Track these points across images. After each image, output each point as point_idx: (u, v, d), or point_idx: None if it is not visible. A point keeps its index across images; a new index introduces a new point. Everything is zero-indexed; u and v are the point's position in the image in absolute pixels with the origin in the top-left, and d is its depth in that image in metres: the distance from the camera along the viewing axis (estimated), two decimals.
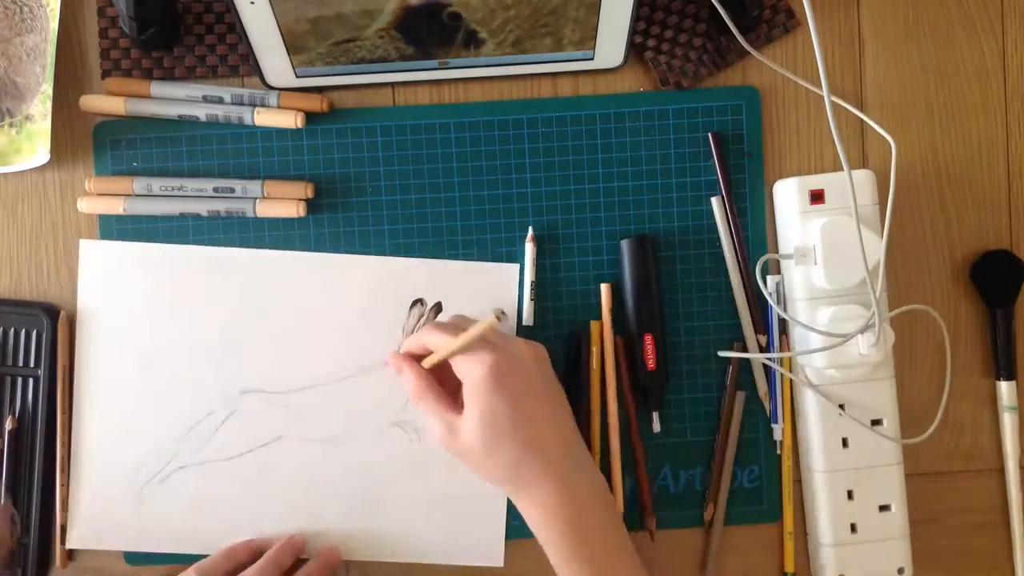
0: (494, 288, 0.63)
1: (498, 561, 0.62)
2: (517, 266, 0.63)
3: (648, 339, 0.61)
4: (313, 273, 0.63)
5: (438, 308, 0.62)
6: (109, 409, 0.62)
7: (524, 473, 0.54)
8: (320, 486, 0.62)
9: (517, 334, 0.63)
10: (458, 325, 0.58)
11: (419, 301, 0.62)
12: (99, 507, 0.62)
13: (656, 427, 0.63)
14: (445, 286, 0.63)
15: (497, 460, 0.54)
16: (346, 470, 0.62)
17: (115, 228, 0.63)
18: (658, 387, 0.62)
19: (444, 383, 0.57)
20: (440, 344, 0.56)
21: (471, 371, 0.54)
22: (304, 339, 0.63)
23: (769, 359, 0.62)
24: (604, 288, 0.62)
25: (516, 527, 0.62)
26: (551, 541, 0.55)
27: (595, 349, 0.62)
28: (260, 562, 0.59)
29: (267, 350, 0.62)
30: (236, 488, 0.62)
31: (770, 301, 0.61)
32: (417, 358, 0.59)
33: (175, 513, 0.62)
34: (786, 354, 0.62)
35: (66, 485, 0.62)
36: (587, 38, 0.58)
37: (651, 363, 0.62)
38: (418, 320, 0.62)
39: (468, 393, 0.55)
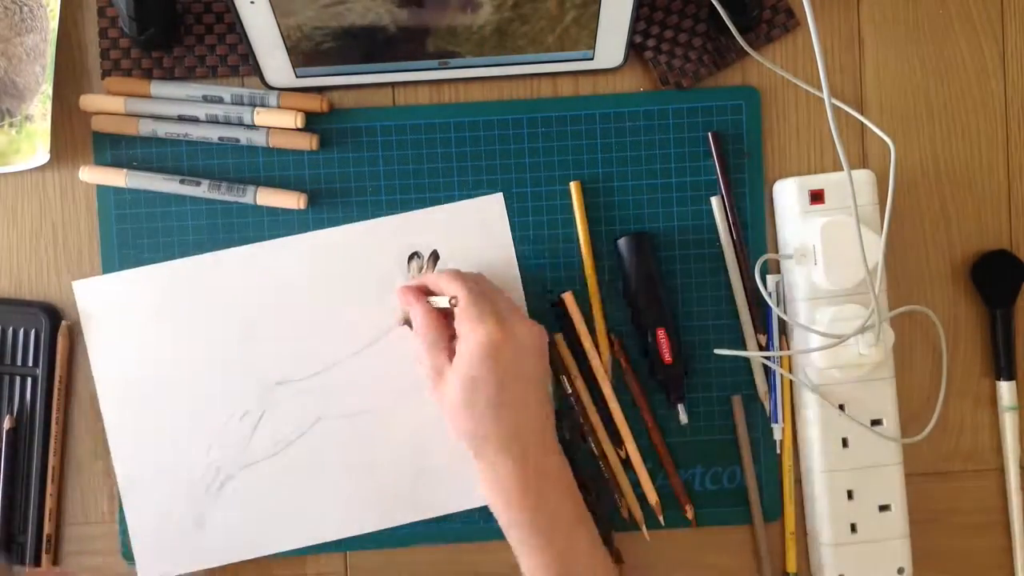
0: (483, 221, 0.63)
1: None
2: (500, 195, 0.63)
3: (661, 333, 0.61)
4: (310, 254, 0.63)
5: (435, 256, 0.62)
6: (143, 438, 0.62)
7: (491, 445, 0.55)
8: (370, 457, 0.62)
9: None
10: (477, 284, 0.58)
11: (415, 254, 0.62)
12: (161, 537, 0.62)
13: (683, 419, 0.63)
14: (437, 233, 0.63)
15: (471, 423, 0.55)
16: (391, 434, 0.62)
17: (114, 214, 0.63)
18: (678, 379, 0.62)
19: (446, 328, 0.58)
20: (453, 291, 0.56)
21: (470, 335, 0.55)
22: (316, 320, 0.63)
23: (767, 358, 0.62)
24: (567, 297, 0.62)
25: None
26: (502, 510, 0.55)
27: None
28: None
29: (284, 339, 0.62)
30: (288, 481, 0.62)
31: (769, 302, 0.61)
32: (427, 293, 0.59)
33: (238, 522, 0.62)
34: (784, 352, 0.62)
35: (55, 495, 0.62)
36: (587, 37, 0.58)
37: (667, 356, 0.61)
38: (419, 272, 0.62)
39: (461, 354, 0.55)
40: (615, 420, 0.63)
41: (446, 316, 0.58)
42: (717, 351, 0.61)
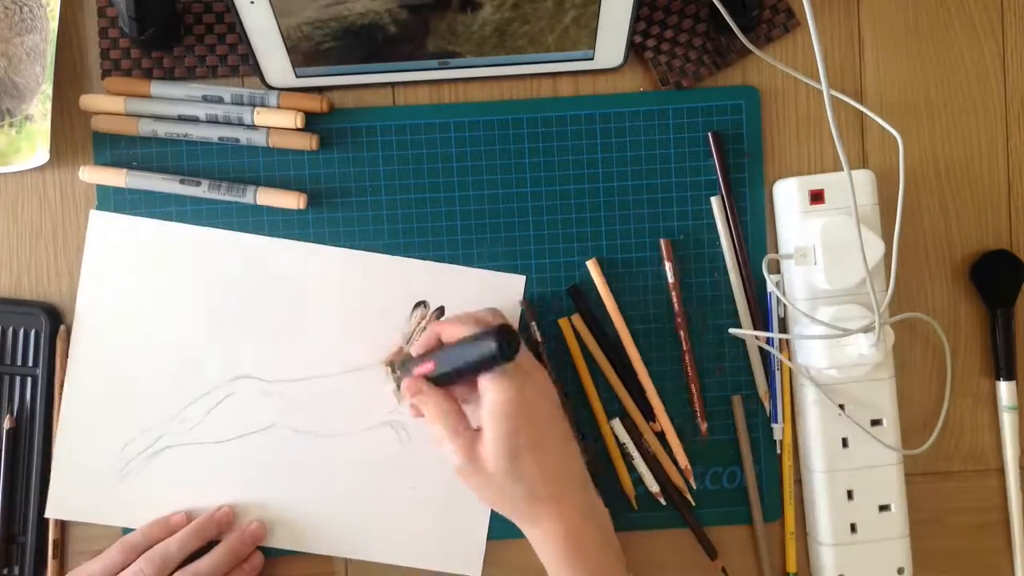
0: (499, 298, 0.62)
1: (476, 571, 0.62)
2: (523, 278, 0.63)
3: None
4: (315, 265, 0.63)
5: (440, 312, 0.62)
6: (103, 378, 0.62)
7: (539, 503, 0.54)
8: (306, 478, 0.62)
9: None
10: (478, 318, 0.56)
11: (422, 303, 0.62)
12: (81, 478, 0.62)
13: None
14: (448, 290, 0.63)
15: (516, 483, 0.53)
16: (333, 464, 0.62)
17: (114, 214, 0.63)
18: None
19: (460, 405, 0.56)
20: (453, 333, 0.55)
21: (497, 390, 0.53)
22: (303, 330, 0.63)
23: (768, 340, 0.62)
24: (591, 264, 0.62)
25: (500, 527, 0.62)
26: (555, 566, 0.54)
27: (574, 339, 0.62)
28: (182, 532, 0.60)
29: (265, 338, 0.63)
30: (221, 471, 0.62)
31: (776, 292, 0.61)
32: (427, 377, 0.57)
33: (158, 491, 0.62)
34: (785, 335, 0.62)
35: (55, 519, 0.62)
36: (587, 37, 0.58)
37: None
38: (419, 323, 0.62)
39: (492, 411, 0.53)
40: (646, 392, 0.63)
41: (452, 393, 0.56)
42: (732, 331, 0.62)
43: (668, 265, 0.63)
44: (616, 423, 0.63)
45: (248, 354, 0.63)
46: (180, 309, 0.63)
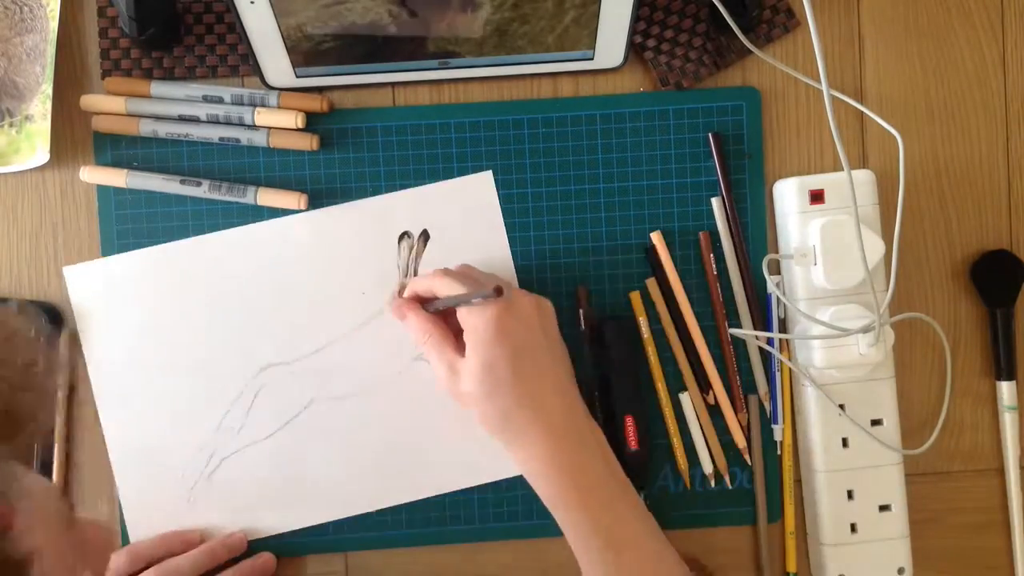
0: (473, 199, 0.63)
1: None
2: (489, 172, 0.63)
3: (629, 420, 0.61)
4: (300, 235, 0.63)
5: (425, 236, 0.62)
6: (138, 417, 0.62)
7: (517, 423, 0.55)
8: (362, 439, 0.62)
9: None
10: (467, 275, 0.58)
11: (405, 234, 0.62)
12: (154, 517, 0.62)
13: None
14: (428, 212, 0.63)
15: (494, 407, 0.55)
16: (383, 416, 0.62)
17: (114, 214, 0.63)
18: (642, 466, 0.62)
19: (447, 327, 0.58)
20: (447, 291, 0.56)
21: (473, 320, 0.55)
22: (308, 301, 0.63)
23: (769, 340, 0.62)
24: (655, 236, 0.63)
25: (500, 528, 0.63)
26: (544, 489, 0.55)
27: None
28: (194, 552, 0.60)
29: (276, 321, 0.63)
30: (282, 463, 0.62)
31: (776, 292, 0.61)
32: (422, 300, 0.59)
33: (231, 504, 0.62)
34: (786, 335, 0.62)
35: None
36: (587, 37, 0.58)
37: (634, 443, 0.61)
38: (409, 252, 0.62)
39: (469, 341, 0.55)
40: (704, 365, 0.63)
41: (444, 316, 0.58)
42: (732, 331, 0.62)
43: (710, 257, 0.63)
44: (685, 397, 0.63)
45: (264, 343, 0.63)
46: (185, 325, 0.63)
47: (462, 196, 0.63)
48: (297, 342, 0.63)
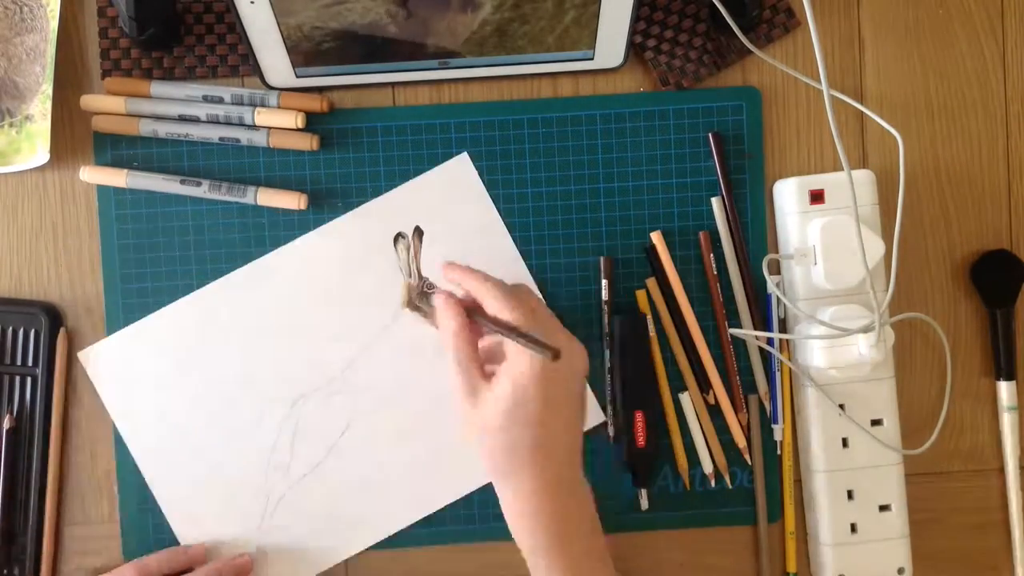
0: (456, 184, 0.63)
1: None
2: (465, 154, 0.63)
3: (639, 416, 0.61)
4: (301, 260, 0.63)
5: (419, 233, 0.61)
6: (191, 482, 0.63)
7: (521, 459, 0.53)
8: (404, 446, 0.63)
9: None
10: (518, 294, 0.55)
11: (400, 235, 0.61)
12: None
13: (644, 504, 0.63)
14: (415, 208, 0.63)
15: (506, 439, 0.53)
16: (426, 416, 0.62)
17: (114, 214, 0.63)
18: (648, 464, 0.62)
19: (476, 341, 0.56)
20: (496, 309, 0.54)
21: (522, 363, 0.52)
22: (324, 323, 0.63)
23: (769, 340, 0.62)
24: (655, 236, 0.63)
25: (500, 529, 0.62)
26: (527, 529, 0.54)
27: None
28: (202, 570, 0.60)
29: (297, 351, 0.63)
30: (337, 488, 0.63)
31: (776, 292, 0.61)
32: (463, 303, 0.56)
33: (297, 540, 0.63)
34: (786, 335, 0.62)
35: (55, 495, 0.62)
36: (587, 37, 0.58)
37: (641, 440, 0.61)
38: (407, 253, 0.60)
39: (507, 374, 0.53)
40: (704, 365, 0.63)
41: (475, 327, 0.56)
42: (732, 331, 0.62)
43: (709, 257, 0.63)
44: (686, 396, 0.63)
45: (291, 375, 0.63)
46: (210, 377, 0.63)
47: (445, 184, 0.63)
48: (323, 365, 0.63)
